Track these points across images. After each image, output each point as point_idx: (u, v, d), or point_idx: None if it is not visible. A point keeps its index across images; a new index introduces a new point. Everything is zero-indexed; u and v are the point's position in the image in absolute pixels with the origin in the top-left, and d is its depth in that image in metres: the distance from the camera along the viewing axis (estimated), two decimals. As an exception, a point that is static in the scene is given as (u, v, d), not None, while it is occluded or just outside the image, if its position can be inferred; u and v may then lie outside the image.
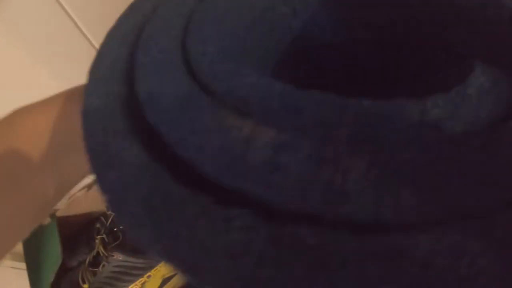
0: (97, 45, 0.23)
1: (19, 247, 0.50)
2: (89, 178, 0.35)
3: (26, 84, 0.38)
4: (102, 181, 0.11)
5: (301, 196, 0.09)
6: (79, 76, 0.16)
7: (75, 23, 0.36)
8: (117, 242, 0.45)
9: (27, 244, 0.49)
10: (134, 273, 0.43)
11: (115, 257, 0.43)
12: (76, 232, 0.51)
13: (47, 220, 0.48)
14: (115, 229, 0.47)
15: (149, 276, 0.44)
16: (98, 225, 0.50)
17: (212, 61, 0.12)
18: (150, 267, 0.43)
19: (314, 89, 0.11)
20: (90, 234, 0.50)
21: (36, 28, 0.34)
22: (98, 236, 0.47)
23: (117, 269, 0.43)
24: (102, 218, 0.51)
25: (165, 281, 0.45)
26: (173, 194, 0.10)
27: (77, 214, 0.52)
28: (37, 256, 0.47)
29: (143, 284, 0.44)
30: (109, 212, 0.50)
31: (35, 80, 0.38)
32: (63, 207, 0.50)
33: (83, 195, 0.51)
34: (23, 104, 0.18)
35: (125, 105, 0.12)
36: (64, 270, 0.49)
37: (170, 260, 0.09)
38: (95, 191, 0.52)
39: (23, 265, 0.50)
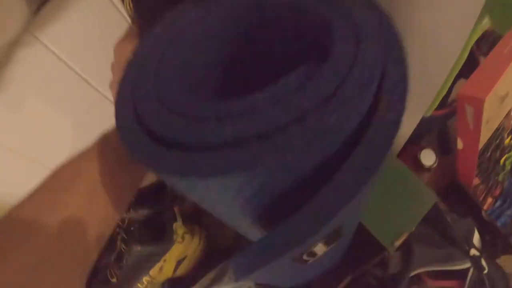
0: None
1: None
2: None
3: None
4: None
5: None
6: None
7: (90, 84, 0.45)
8: (135, 237, 0.53)
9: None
10: (152, 259, 0.51)
11: (134, 249, 0.51)
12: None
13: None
14: (131, 228, 0.56)
15: (165, 260, 0.52)
16: (117, 229, 0.58)
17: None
18: (164, 252, 0.51)
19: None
20: (112, 237, 0.58)
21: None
22: (119, 236, 0.55)
23: (137, 259, 0.52)
24: (120, 223, 0.59)
25: (179, 262, 0.53)
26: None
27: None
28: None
29: (161, 268, 0.52)
30: (124, 216, 0.59)
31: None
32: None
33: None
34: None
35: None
36: (92, 273, 0.57)
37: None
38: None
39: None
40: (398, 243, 0.43)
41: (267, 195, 0.19)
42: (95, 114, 0.47)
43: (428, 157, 0.54)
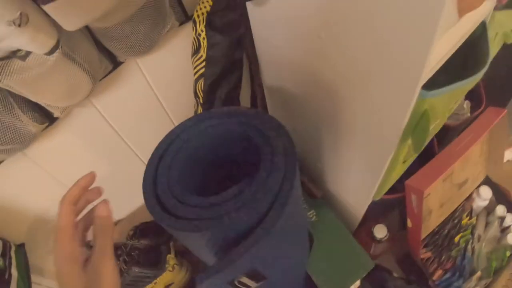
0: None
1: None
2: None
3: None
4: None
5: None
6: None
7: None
8: (134, 260, 0.66)
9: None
10: (146, 280, 0.63)
11: (132, 269, 0.63)
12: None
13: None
14: (132, 253, 0.68)
15: (155, 283, 0.63)
16: (119, 252, 0.70)
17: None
18: (156, 276, 0.63)
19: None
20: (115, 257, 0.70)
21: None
22: (121, 258, 0.67)
23: (134, 278, 0.63)
24: (123, 247, 0.72)
25: (167, 287, 0.64)
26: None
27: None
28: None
29: (151, 289, 0.64)
30: (127, 242, 0.71)
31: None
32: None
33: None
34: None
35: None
36: None
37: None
38: (118, 227, 0.74)
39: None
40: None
41: (219, 242, 0.33)
42: (126, 172, 0.63)
43: (380, 231, 0.64)
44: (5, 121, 0.41)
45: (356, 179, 0.56)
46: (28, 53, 0.35)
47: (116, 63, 0.51)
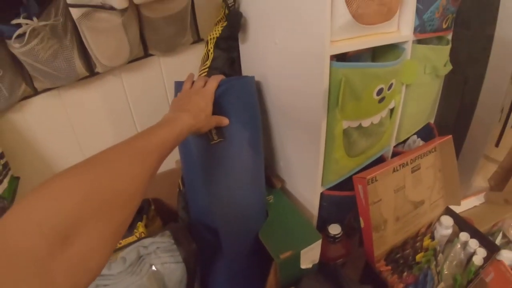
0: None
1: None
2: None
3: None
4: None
5: None
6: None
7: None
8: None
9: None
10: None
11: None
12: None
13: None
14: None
15: (120, 243, 0.69)
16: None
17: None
18: (122, 234, 0.69)
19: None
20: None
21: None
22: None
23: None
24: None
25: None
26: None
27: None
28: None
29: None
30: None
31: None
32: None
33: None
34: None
35: None
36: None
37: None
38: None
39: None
40: (283, 256, 0.60)
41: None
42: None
43: (334, 229, 0.73)
44: (65, 54, 0.60)
45: (305, 167, 0.70)
46: (112, 8, 0.57)
47: (146, 54, 0.74)
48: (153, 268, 0.57)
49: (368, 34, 0.59)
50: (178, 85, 0.65)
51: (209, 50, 0.77)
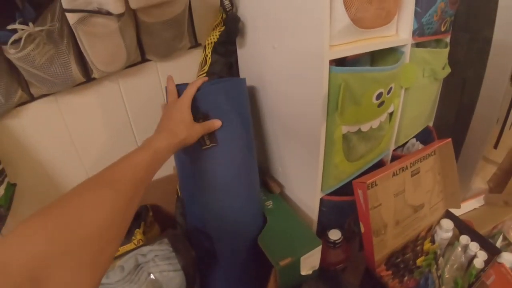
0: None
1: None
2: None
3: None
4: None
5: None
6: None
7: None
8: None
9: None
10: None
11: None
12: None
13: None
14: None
15: (118, 251, 0.68)
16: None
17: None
18: (120, 241, 0.68)
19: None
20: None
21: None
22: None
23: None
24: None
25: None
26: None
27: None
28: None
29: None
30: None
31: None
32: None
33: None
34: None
35: None
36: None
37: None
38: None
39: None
40: (283, 263, 0.60)
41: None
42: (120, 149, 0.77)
43: (334, 234, 0.72)
44: (62, 59, 0.59)
45: (304, 172, 0.69)
46: (108, 13, 0.56)
47: (143, 59, 0.73)
48: (152, 276, 0.57)
49: (367, 38, 0.59)
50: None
51: (207, 55, 0.77)
